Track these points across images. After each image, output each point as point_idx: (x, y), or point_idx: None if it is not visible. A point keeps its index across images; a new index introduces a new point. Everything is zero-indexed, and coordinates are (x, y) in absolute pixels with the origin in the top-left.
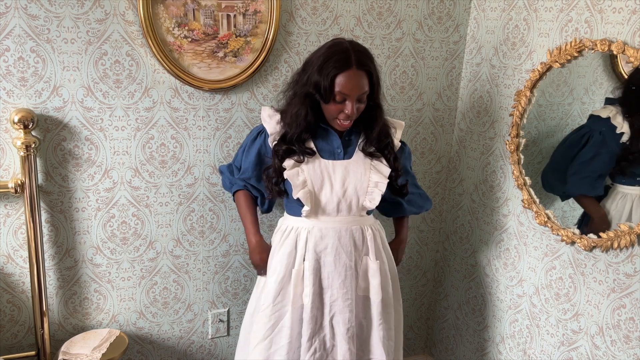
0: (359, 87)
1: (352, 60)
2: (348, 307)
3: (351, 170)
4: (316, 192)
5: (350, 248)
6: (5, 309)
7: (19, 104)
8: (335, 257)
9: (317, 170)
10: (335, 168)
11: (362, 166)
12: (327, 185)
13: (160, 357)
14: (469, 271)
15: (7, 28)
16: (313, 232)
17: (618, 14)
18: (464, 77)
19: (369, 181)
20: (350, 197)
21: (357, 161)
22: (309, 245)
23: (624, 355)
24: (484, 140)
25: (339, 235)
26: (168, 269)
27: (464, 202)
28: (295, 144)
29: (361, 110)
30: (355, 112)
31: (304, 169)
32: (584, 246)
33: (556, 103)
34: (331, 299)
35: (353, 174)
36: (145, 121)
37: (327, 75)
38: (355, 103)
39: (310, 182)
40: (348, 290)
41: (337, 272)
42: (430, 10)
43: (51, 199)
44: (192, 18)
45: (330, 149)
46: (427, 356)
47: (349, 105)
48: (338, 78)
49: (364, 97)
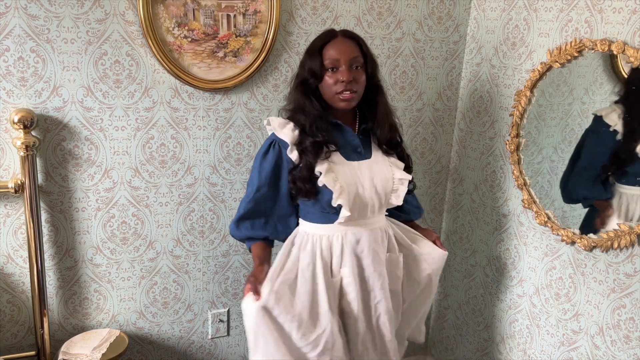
0: (347, 51)
1: (337, 32)
2: (388, 307)
3: (376, 169)
4: (353, 197)
5: (381, 248)
6: (5, 309)
7: (19, 104)
8: (373, 259)
9: (348, 174)
10: (362, 168)
11: (384, 164)
12: (359, 187)
13: (160, 357)
14: (469, 271)
15: (7, 28)
16: (347, 237)
17: (618, 14)
18: (464, 77)
19: (394, 178)
20: (380, 196)
21: (377, 159)
22: (346, 250)
23: (624, 355)
24: (484, 140)
25: (374, 237)
26: (168, 269)
27: (464, 202)
28: (318, 133)
29: (362, 82)
30: (355, 81)
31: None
32: (584, 246)
33: (556, 103)
34: (375, 301)
35: (379, 172)
36: (145, 121)
37: (315, 51)
38: (351, 70)
39: (347, 186)
40: (386, 290)
41: (377, 273)
42: (430, 10)
43: (51, 199)
44: (192, 18)
45: (352, 149)
46: (427, 356)
47: (343, 70)
48: (325, 48)
49: (358, 64)
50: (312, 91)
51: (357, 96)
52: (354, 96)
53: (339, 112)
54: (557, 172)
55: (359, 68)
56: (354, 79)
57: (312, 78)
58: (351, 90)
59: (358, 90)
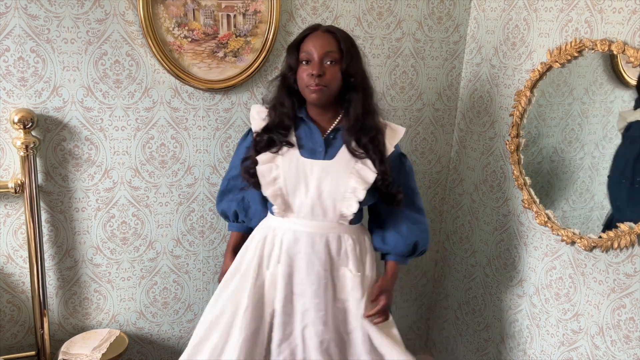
0: (321, 45)
1: (319, 26)
2: (321, 319)
3: (330, 172)
4: (289, 192)
5: (324, 257)
6: (5, 309)
7: (19, 104)
8: (308, 264)
9: (293, 168)
10: (313, 168)
11: (342, 169)
12: (302, 185)
13: (160, 357)
14: (469, 271)
15: (7, 28)
16: (287, 235)
17: (618, 14)
18: (464, 77)
19: (347, 186)
20: (326, 201)
21: (338, 163)
22: (284, 247)
23: (624, 355)
24: (484, 140)
25: (312, 241)
26: (168, 269)
27: (464, 202)
28: (276, 132)
29: (334, 78)
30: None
31: (279, 165)
32: (584, 246)
33: (556, 103)
34: (303, 308)
35: (331, 176)
36: (145, 121)
37: (294, 46)
38: (323, 64)
39: (283, 180)
40: (321, 301)
41: (310, 280)
42: (430, 10)
43: (51, 199)
44: (192, 18)
45: (312, 147)
46: (427, 356)
47: (314, 63)
48: (303, 42)
49: (331, 59)
50: (290, 85)
51: (327, 90)
52: (323, 89)
53: (316, 109)
54: (557, 172)
55: (333, 63)
56: (324, 73)
57: (289, 72)
58: (320, 84)
59: (328, 85)
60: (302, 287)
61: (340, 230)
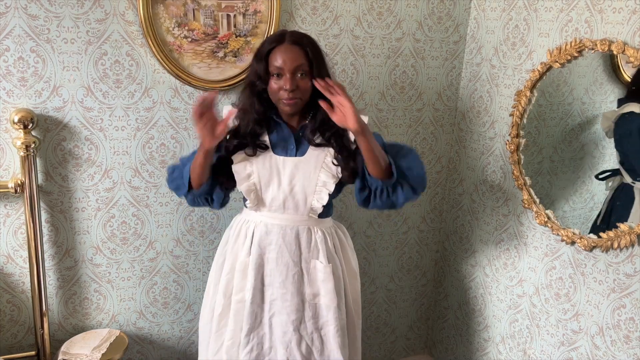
0: (291, 59)
1: (285, 37)
2: (286, 310)
3: (301, 167)
4: (262, 187)
5: (294, 248)
6: (5, 309)
7: (19, 104)
8: (277, 255)
9: (267, 165)
10: (285, 164)
11: (312, 164)
12: (275, 181)
13: (160, 357)
14: (469, 271)
15: (7, 28)
16: (259, 227)
17: (618, 14)
18: (464, 77)
19: (317, 180)
20: (297, 195)
21: (308, 159)
22: (255, 239)
23: (624, 355)
24: (484, 140)
25: (283, 233)
26: (168, 269)
27: (464, 202)
28: (249, 137)
29: (307, 89)
30: (298, 89)
31: (252, 162)
32: (584, 246)
33: (556, 103)
34: (271, 297)
35: (302, 171)
36: (145, 121)
37: (262, 56)
38: (294, 78)
39: (257, 176)
40: (288, 291)
41: (279, 271)
42: (430, 10)
43: (51, 199)
44: (192, 18)
45: (284, 145)
46: (427, 356)
47: (286, 78)
48: (271, 54)
49: (302, 71)
50: (259, 92)
51: (301, 102)
52: (298, 101)
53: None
54: (557, 172)
55: (303, 75)
56: (297, 87)
57: (258, 81)
58: (294, 98)
59: (302, 97)
60: (271, 278)
61: (310, 223)
